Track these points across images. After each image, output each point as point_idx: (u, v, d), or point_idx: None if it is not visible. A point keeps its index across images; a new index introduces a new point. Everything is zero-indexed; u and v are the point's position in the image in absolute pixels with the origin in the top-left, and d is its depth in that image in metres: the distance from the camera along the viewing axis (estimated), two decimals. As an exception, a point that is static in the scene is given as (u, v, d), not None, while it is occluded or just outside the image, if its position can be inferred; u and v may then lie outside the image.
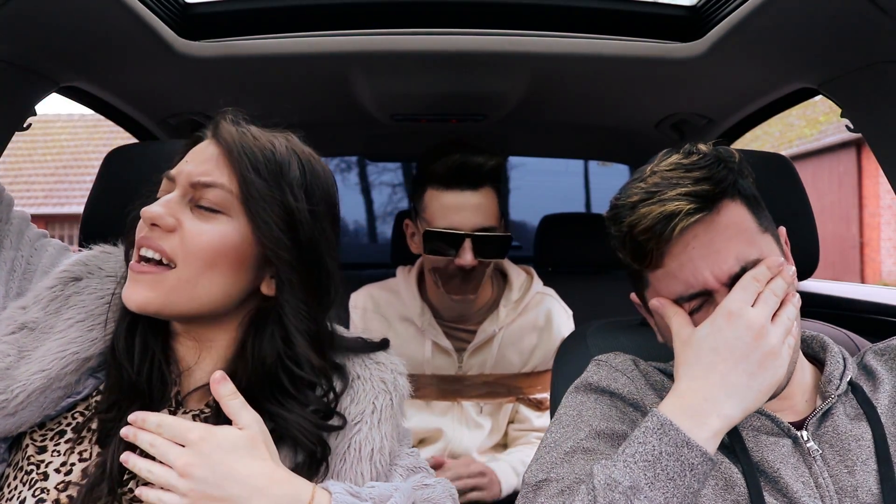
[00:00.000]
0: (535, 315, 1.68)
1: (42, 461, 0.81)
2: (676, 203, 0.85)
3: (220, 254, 0.81)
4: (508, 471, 1.58)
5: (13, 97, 1.35)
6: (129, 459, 0.73)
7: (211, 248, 0.81)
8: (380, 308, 1.70)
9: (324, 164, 0.93)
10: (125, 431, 0.74)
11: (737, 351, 0.79)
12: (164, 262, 0.81)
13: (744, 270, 0.85)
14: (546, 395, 1.67)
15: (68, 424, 0.85)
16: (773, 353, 0.79)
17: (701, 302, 0.88)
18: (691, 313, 0.88)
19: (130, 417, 0.74)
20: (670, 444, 0.75)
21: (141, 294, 0.80)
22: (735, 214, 0.89)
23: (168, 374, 0.87)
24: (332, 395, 0.87)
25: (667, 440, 0.76)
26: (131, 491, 0.79)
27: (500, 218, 1.58)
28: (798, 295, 0.87)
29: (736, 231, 0.88)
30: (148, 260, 0.82)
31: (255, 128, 0.88)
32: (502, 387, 1.67)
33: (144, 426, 0.74)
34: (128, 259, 0.88)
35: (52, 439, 0.83)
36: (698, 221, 0.86)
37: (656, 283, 0.91)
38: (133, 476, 0.79)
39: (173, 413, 0.86)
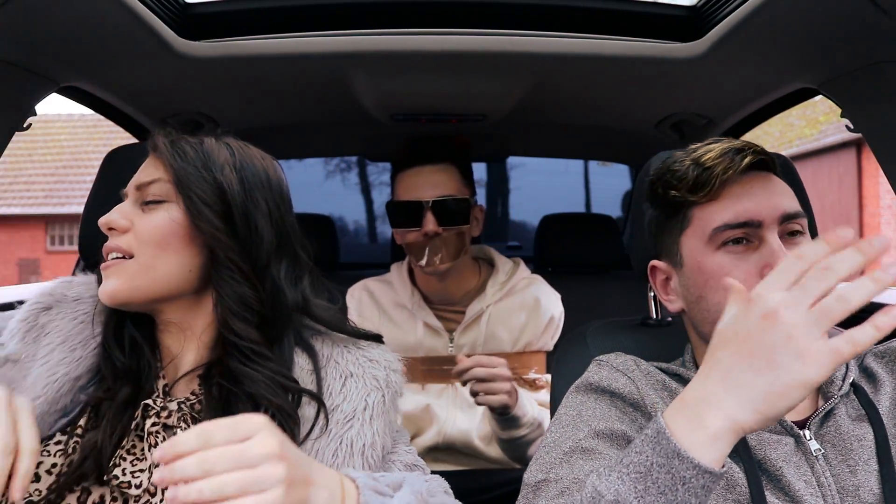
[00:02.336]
0: (523, 296, 1.73)
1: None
2: (745, 144, 0.91)
3: (168, 235, 0.88)
4: (525, 397, 1.59)
5: (13, 97, 1.35)
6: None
7: (158, 232, 0.88)
8: (374, 297, 1.79)
9: (262, 153, 1.00)
10: (158, 479, 0.62)
11: (747, 342, 0.65)
12: (125, 256, 0.89)
13: (797, 215, 0.90)
14: (539, 376, 1.69)
15: (62, 433, 0.86)
16: (790, 348, 0.62)
17: (745, 234, 0.90)
18: (730, 243, 0.90)
19: (156, 456, 0.62)
20: (661, 455, 0.67)
21: (109, 285, 0.87)
22: (785, 184, 0.95)
23: (155, 363, 0.91)
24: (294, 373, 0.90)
25: (659, 450, 0.67)
26: (116, 478, 0.81)
27: (468, 192, 1.69)
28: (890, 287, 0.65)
29: (788, 191, 0.94)
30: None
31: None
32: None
33: (177, 450, 0.62)
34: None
35: (43, 447, 0.84)
36: (762, 167, 0.93)
37: (703, 217, 0.93)
38: (118, 452, 0.82)
39: (157, 401, 0.88)
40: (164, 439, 0.83)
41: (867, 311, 0.61)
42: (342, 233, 3.41)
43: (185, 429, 0.82)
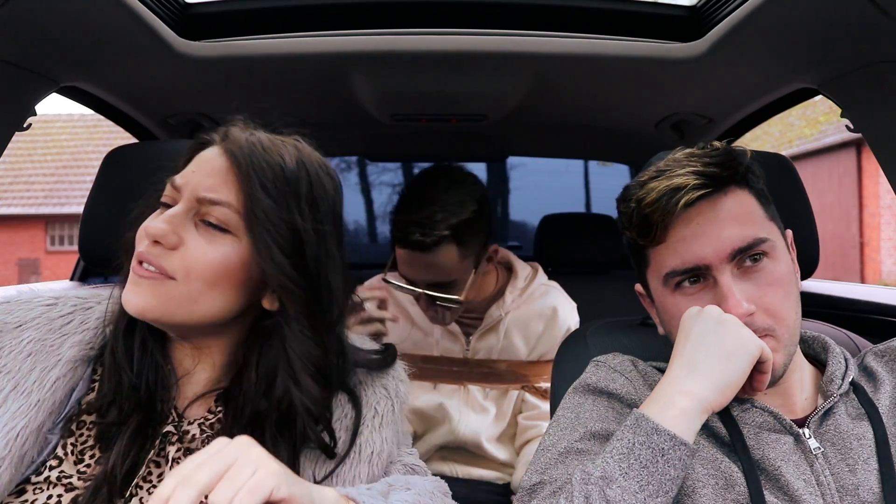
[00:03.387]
0: (541, 304, 1.71)
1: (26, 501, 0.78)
2: (684, 178, 0.87)
3: (223, 275, 0.79)
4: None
5: (13, 97, 1.35)
6: None
7: (213, 268, 0.79)
8: (393, 294, 1.72)
9: (331, 171, 0.90)
10: None
11: (704, 339, 0.82)
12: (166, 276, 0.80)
13: (748, 248, 0.86)
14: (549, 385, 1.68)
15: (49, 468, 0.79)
16: (735, 336, 0.81)
17: (696, 275, 0.89)
18: (685, 283, 0.89)
19: None
20: (641, 434, 0.78)
21: (142, 299, 0.78)
22: (743, 200, 0.90)
23: (167, 378, 0.84)
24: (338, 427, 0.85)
25: (639, 430, 0.78)
26: (132, 496, 0.77)
27: (467, 264, 1.54)
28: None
29: (742, 213, 0.89)
30: None
31: (264, 136, 0.85)
32: (510, 374, 1.69)
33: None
34: (119, 269, 0.86)
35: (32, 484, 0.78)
36: (704, 198, 0.87)
37: (657, 260, 0.92)
38: (135, 481, 0.78)
39: (177, 426, 0.82)
40: None
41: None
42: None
43: None
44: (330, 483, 0.83)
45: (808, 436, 0.88)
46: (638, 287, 1.03)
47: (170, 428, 0.81)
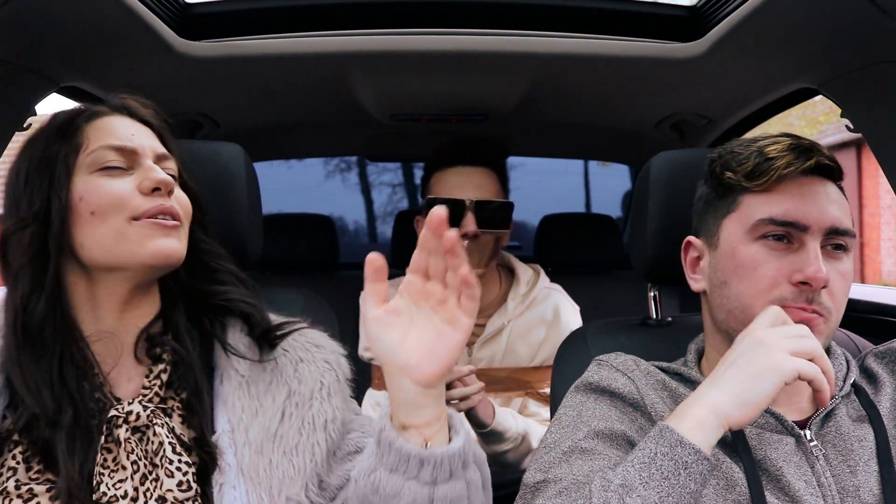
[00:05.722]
0: (543, 309, 1.70)
1: None
2: (814, 146, 0.90)
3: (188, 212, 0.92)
4: (507, 412, 1.56)
5: (13, 97, 1.35)
6: None
7: (190, 207, 0.92)
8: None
9: None
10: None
11: (739, 359, 0.79)
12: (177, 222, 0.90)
13: (843, 233, 0.89)
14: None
15: None
16: (766, 353, 0.78)
17: (787, 233, 0.89)
18: (769, 237, 0.90)
19: None
20: (664, 445, 0.75)
21: (175, 245, 0.87)
22: (842, 197, 0.94)
23: (94, 383, 0.84)
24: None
25: (662, 441, 0.76)
26: (105, 495, 0.78)
27: (505, 198, 1.65)
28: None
29: (844, 206, 0.92)
30: None
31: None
32: (512, 381, 1.68)
33: None
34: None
35: None
36: (825, 174, 0.91)
37: (751, 205, 0.92)
38: (102, 480, 0.78)
39: (120, 409, 0.82)
40: (139, 442, 0.81)
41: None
42: (342, 233, 3.41)
43: (161, 425, 0.82)
44: (294, 451, 0.86)
45: (809, 437, 0.88)
46: (691, 238, 1.01)
47: (114, 413, 0.82)
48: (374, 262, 0.76)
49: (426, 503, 0.74)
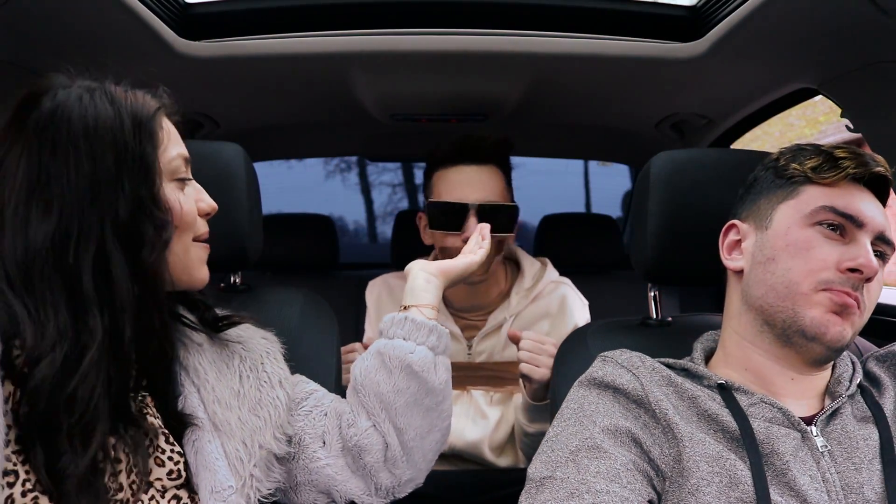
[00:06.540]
0: (548, 302, 1.66)
1: None
2: (874, 159, 0.95)
3: None
4: None
5: (13, 97, 1.35)
6: None
7: None
8: (394, 294, 1.70)
9: None
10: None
11: None
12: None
13: (888, 242, 0.94)
14: None
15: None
16: None
17: (843, 224, 0.92)
18: (825, 225, 0.92)
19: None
20: None
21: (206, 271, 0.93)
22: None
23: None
24: None
25: None
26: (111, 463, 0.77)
27: (510, 198, 1.60)
28: None
29: (893, 220, 0.97)
30: None
31: None
32: (512, 374, 1.63)
33: None
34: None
35: None
36: (883, 184, 0.97)
37: (812, 194, 0.95)
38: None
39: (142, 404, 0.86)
40: (136, 431, 0.82)
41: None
42: (342, 233, 3.41)
43: (154, 416, 0.85)
44: (259, 406, 0.95)
45: (815, 433, 0.89)
46: (735, 222, 1.03)
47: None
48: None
49: (431, 367, 0.99)
